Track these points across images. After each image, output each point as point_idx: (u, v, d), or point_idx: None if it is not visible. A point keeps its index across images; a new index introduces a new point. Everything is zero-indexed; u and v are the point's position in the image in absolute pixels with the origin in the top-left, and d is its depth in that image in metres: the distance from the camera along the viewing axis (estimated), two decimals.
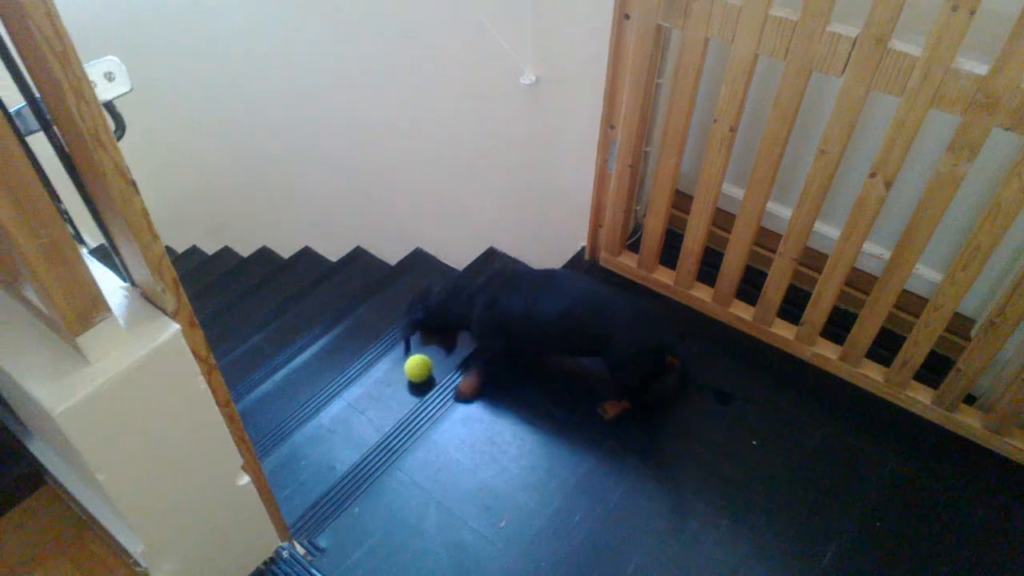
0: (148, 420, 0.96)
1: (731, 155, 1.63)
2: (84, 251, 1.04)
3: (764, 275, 1.75)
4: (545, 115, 1.98)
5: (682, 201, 2.03)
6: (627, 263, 2.01)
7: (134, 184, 0.83)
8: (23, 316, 0.95)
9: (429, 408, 1.78)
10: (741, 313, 1.85)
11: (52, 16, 0.69)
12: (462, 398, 1.79)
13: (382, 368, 2.07)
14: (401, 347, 1.94)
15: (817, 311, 1.70)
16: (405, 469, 1.66)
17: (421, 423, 1.75)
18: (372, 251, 2.93)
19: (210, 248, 3.82)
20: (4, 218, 0.73)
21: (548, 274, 1.83)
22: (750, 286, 1.88)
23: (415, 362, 1.94)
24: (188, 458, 1.05)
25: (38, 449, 1.26)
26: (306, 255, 3.21)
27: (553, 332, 1.69)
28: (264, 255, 3.45)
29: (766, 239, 1.90)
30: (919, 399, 1.67)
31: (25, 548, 1.11)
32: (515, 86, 1.94)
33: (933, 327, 1.52)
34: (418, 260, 2.70)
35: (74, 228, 1.02)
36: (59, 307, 0.82)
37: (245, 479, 1.18)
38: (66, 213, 0.94)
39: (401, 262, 2.71)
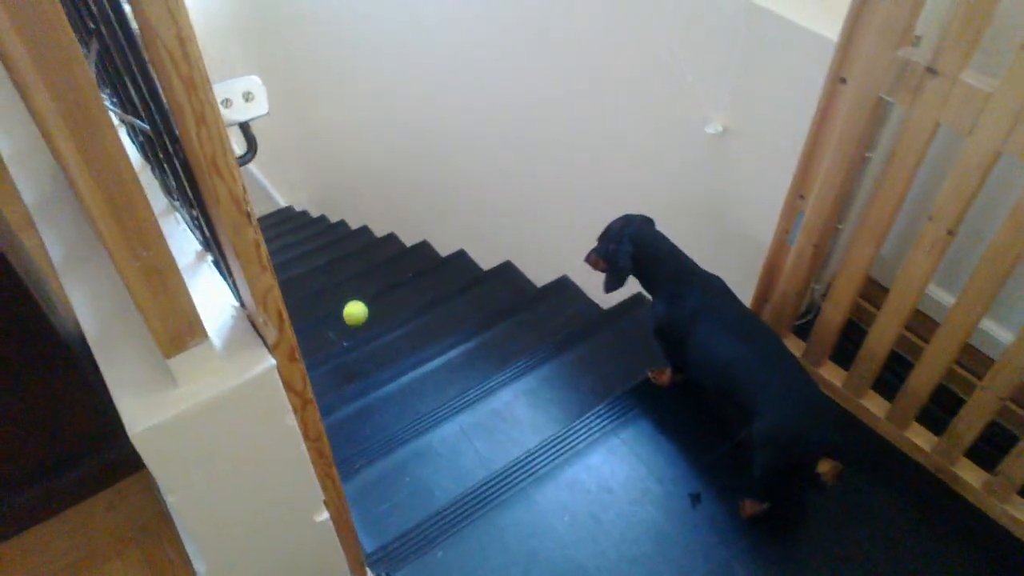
0: (229, 449, 0.92)
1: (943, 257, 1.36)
2: (210, 259, 1.02)
3: (958, 400, 1.45)
4: (726, 169, 1.78)
5: (871, 290, 1.75)
6: (791, 348, 1.76)
7: (248, 215, 0.78)
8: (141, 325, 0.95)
9: (537, 461, 1.67)
10: (920, 441, 1.56)
11: (183, 40, 0.65)
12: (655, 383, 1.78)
13: (501, 399, 1.99)
14: None
15: (1020, 465, 1.38)
16: (497, 523, 1.55)
17: (525, 476, 1.64)
18: (521, 268, 2.86)
19: (379, 231, 3.96)
20: (107, 237, 0.70)
21: (742, 311, 1.57)
22: (938, 408, 1.57)
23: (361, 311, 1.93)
24: (266, 491, 1.01)
25: None
26: (460, 257, 3.21)
27: (714, 372, 1.52)
28: (424, 248, 3.50)
29: (970, 359, 1.58)
30: None
31: (109, 531, 1.14)
32: (698, 133, 1.75)
33: None
34: (563, 288, 2.58)
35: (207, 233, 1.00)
36: (153, 328, 0.79)
37: (324, 516, 1.12)
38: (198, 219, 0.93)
39: (546, 286, 2.62)
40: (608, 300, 2.38)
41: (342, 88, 3.59)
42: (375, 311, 2.97)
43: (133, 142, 1.17)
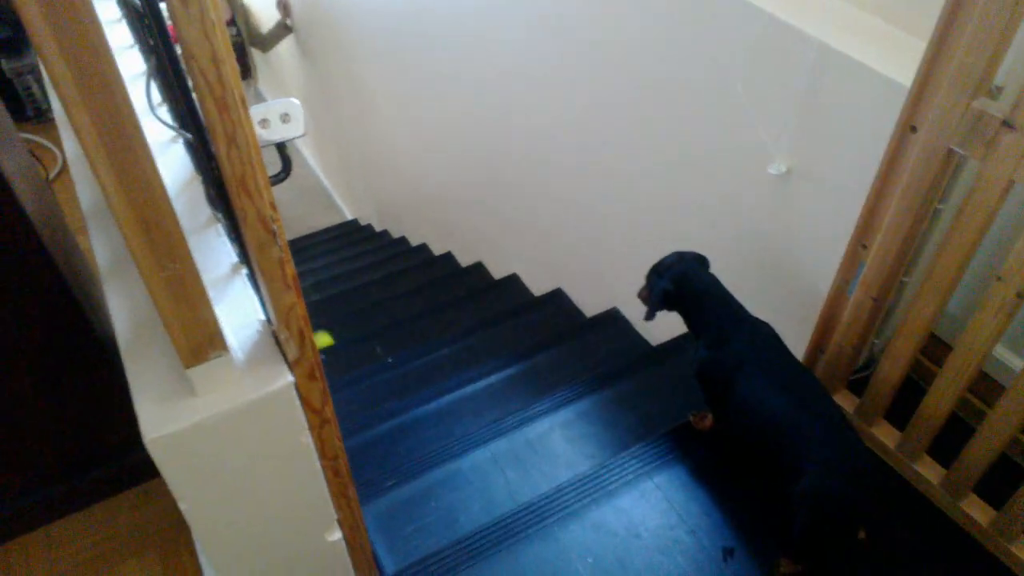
0: (242, 462, 0.92)
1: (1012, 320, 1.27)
2: (245, 272, 1.04)
3: (1020, 472, 1.35)
4: (788, 212, 1.72)
5: (934, 349, 1.65)
6: (843, 404, 1.68)
7: (274, 234, 0.78)
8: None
9: (565, 498, 1.63)
10: (976, 514, 1.45)
11: (218, 61, 0.66)
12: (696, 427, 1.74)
13: (536, 430, 1.95)
14: None
15: None
16: (519, 558, 1.52)
17: (552, 512, 1.60)
18: (572, 297, 2.83)
19: (437, 250, 4.01)
20: (134, 248, 0.72)
21: (791, 362, 1.50)
22: (998, 478, 1.46)
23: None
24: (278, 506, 1.01)
25: None
26: (513, 281, 3.20)
27: (757, 425, 1.44)
28: (478, 270, 3.52)
29: None
30: None
31: (130, 530, 1.16)
32: (761, 174, 1.70)
33: None
34: (613, 320, 2.54)
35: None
36: (175, 337, 0.80)
37: (336, 535, 1.12)
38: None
39: (596, 317, 2.58)
40: (658, 337, 2.33)
41: (410, 109, 3.66)
42: (423, 328, 2.99)
43: (188, 152, 1.21)
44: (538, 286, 3.03)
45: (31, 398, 1.23)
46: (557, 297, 2.87)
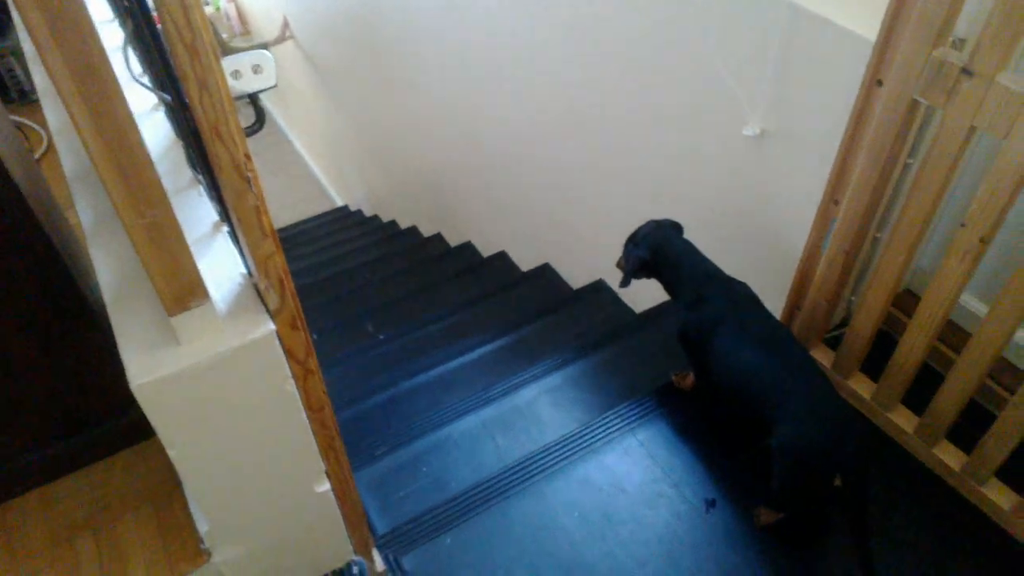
0: (228, 410, 0.95)
1: (978, 267, 1.30)
2: (226, 230, 1.07)
3: (992, 417, 1.39)
4: (763, 173, 1.75)
5: (907, 301, 1.69)
6: (820, 358, 1.72)
7: (248, 180, 0.81)
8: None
9: (552, 456, 1.67)
10: (948, 459, 1.49)
11: (186, 7, 0.68)
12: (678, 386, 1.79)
13: (524, 396, 1.99)
14: None
15: None
16: (508, 515, 1.56)
17: (538, 470, 1.64)
18: (559, 271, 2.87)
19: (427, 231, 4.03)
20: (114, 195, 0.75)
21: (767, 320, 1.53)
22: (971, 424, 1.50)
23: None
24: (265, 455, 1.04)
25: None
26: (501, 259, 3.23)
27: (735, 381, 1.48)
28: (467, 249, 3.55)
29: (1003, 373, 1.51)
30: None
31: (125, 489, 1.19)
32: (736, 136, 1.73)
33: None
34: (598, 291, 2.58)
35: None
36: (157, 284, 0.83)
37: (324, 486, 1.15)
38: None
39: (582, 289, 2.61)
40: (641, 304, 2.36)
41: (397, 95, 3.67)
42: (413, 307, 3.03)
43: (169, 120, 1.23)
44: (526, 262, 3.07)
45: (24, 362, 1.26)
46: (544, 272, 2.90)
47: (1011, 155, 1.15)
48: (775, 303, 1.79)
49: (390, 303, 3.07)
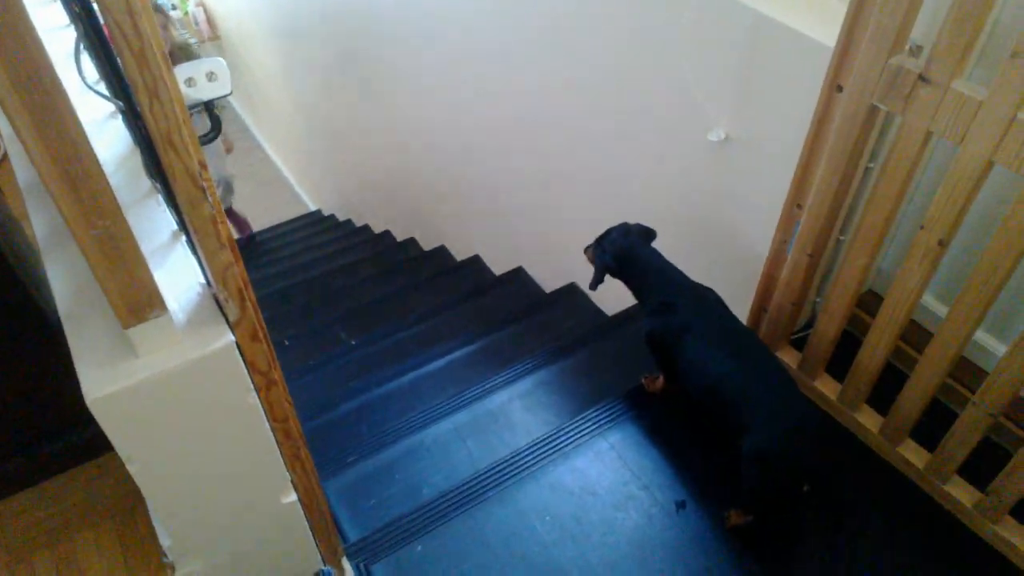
0: (188, 423, 0.94)
1: (937, 268, 1.33)
2: (184, 239, 1.05)
3: (955, 416, 1.41)
4: (728, 177, 1.77)
5: (871, 302, 1.72)
6: (787, 360, 1.74)
7: (204, 189, 0.80)
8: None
9: (522, 461, 1.66)
10: (912, 457, 1.52)
11: (133, 13, 0.67)
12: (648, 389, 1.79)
13: (496, 400, 1.99)
14: None
15: (1011, 484, 1.33)
16: (479, 520, 1.55)
17: (509, 475, 1.64)
18: (532, 274, 2.87)
19: (400, 235, 4.02)
20: (62, 205, 0.73)
21: (734, 325, 1.56)
22: (934, 422, 1.53)
23: None
24: (228, 468, 1.03)
25: None
26: (474, 263, 3.23)
27: (704, 387, 1.49)
28: (441, 253, 3.54)
29: (965, 373, 1.54)
30: None
31: (85, 503, 1.17)
32: (701, 141, 1.75)
33: None
34: (571, 294, 2.58)
35: None
36: (110, 296, 0.82)
37: (291, 497, 1.14)
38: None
39: (555, 292, 2.62)
40: (613, 307, 2.37)
41: (368, 99, 3.65)
42: (386, 312, 3.01)
43: (126, 126, 1.21)
44: (500, 266, 3.07)
45: None
46: (518, 276, 2.90)
47: (966, 160, 1.18)
48: (741, 306, 1.81)
49: (363, 308, 3.05)
